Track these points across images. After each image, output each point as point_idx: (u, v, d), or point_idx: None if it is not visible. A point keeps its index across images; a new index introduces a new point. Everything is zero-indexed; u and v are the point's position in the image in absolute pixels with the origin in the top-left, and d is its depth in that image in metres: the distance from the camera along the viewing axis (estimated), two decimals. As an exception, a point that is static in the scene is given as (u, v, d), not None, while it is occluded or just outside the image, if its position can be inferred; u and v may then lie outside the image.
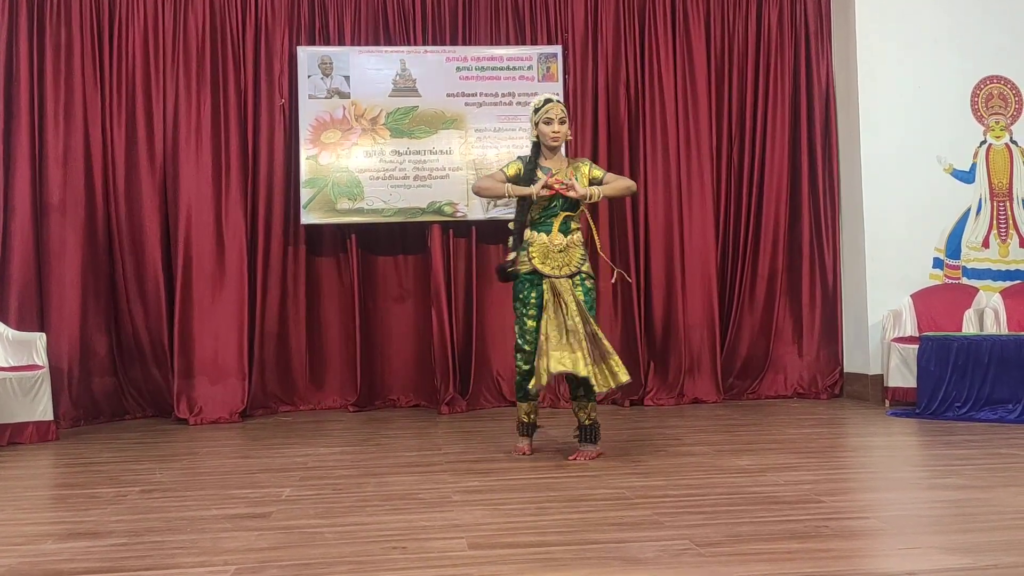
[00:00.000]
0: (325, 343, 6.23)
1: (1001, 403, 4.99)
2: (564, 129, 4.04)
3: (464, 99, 6.13)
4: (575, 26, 6.32)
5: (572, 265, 4.01)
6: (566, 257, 4.01)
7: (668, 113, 6.29)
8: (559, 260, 4.00)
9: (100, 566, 2.46)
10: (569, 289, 3.94)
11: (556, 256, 4.00)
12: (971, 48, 6.19)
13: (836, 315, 6.36)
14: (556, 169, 4.06)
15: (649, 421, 5.32)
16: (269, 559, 2.48)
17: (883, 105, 6.13)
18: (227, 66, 6.01)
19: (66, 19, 5.81)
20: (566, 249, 4.01)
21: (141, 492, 3.48)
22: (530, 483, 3.49)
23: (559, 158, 4.14)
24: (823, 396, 6.26)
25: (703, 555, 2.41)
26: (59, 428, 5.15)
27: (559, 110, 4.02)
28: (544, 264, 3.97)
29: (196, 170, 5.91)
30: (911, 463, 4.01)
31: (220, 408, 5.76)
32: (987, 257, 6.14)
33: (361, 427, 5.30)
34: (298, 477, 3.71)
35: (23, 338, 5.18)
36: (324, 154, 6.02)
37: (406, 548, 2.56)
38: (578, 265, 4.03)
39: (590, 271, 4.09)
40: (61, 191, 5.71)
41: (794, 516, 2.82)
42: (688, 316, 6.23)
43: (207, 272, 5.87)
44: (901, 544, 2.54)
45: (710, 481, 3.43)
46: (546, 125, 4.02)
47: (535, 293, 3.98)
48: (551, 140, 4.04)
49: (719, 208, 6.39)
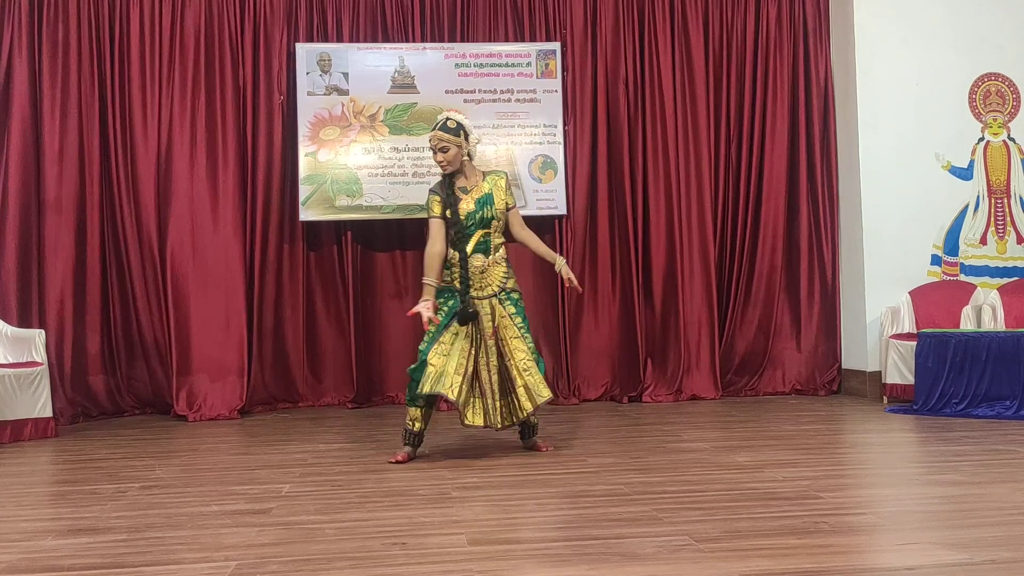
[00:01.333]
0: (324, 340, 6.24)
1: (999, 399, 5.00)
2: (449, 156, 3.93)
3: (463, 96, 6.13)
4: (574, 23, 6.32)
5: (494, 285, 3.97)
6: (487, 277, 3.97)
7: (667, 110, 6.29)
8: (479, 281, 3.96)
9: (100, 562, 2.46)
10: (488, 314, 3.93)
11: (476, 277, 3.95)
12: (969, 45, 6.20)
13: (834, 312, 6.37)
14: (471, 186, 4.00)
15: (648, 417, 5.33)
16: (269, 555, 2.48)
17: (881, 102, 6.13)
18: (225, 63, 6.00)
19: (64, 16, 5.81)
20: (486, 269, 3.97)
21: (141, 488, 3.48)
22: (529, 479, 3.50)
23: (472, 172, 4.04)
24: (821, 393, 6.27)
25: (702, 551, 2.42)
26: (58, 425, 5.15)
27: (436, 139, 3.94)
28: (470, 286, 3.93)
29: (194, 167, 5.91)
30: (909, 459, 4.02)
31: (219, 405, 5.76)
32: (985, 254, 6.15)
33: (360, 423, 5.31)
34: (297, 473, 3.72)
35: (22, 335, 5.18)
36: (323, 151, 6.02)
37: (406, 544, 2.56)
38: (500, 284, 3.98)
39: (515, 286, 4.04)
40: (58, 188, 5.71)
41: (792, 512, 2.83)
42: (687, 313, 6.24)
43: (205, 269, 5.87)
44: (899, 540, 2.55)
45: (709, 477, 3.44)
46: (432, 154, 4.00)
47: (452, 302, 3.94)
48: (441, 168, 4.00)
49: (718, 205, 6.39)
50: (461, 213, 3.95)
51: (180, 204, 5.88)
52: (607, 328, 6.31)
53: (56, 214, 5.70)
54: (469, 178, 4.03)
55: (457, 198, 3.97)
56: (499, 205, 4.01)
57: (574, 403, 6.06)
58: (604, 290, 6.30)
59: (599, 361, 6.28)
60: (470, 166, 4.05)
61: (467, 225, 3.96)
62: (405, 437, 3.99)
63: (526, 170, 6.15)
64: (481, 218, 3.97)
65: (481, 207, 3.97)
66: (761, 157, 6.40)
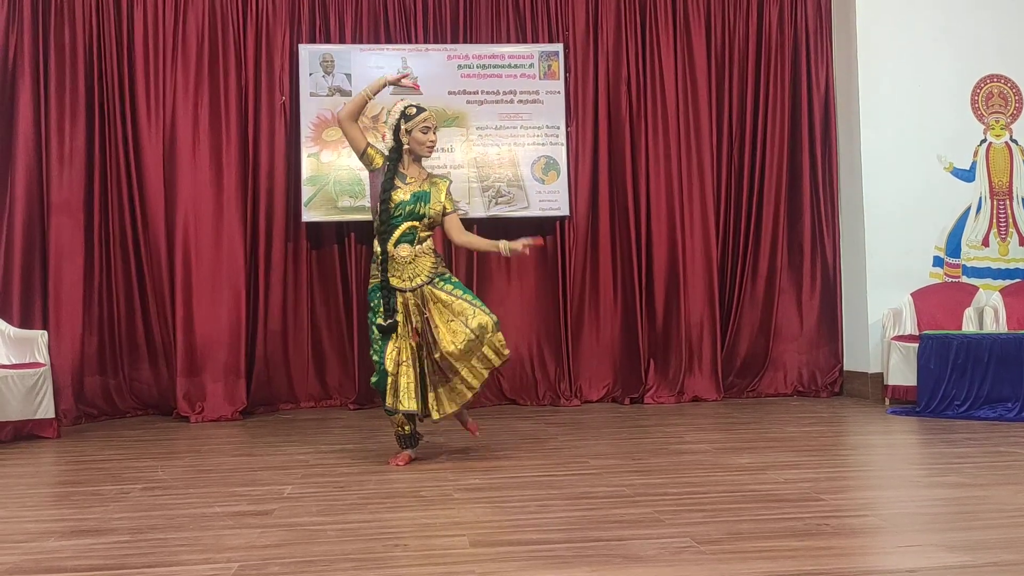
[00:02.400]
0: (326, 341, 6.24)
1: (1001, 401, 5.00)
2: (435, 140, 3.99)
3: (465, 97, 6.14)
4: (576, 24, 6.33)
5: (423, 275, 3.91)
6: (415, 268, 3.91)
7: (669, 111, 6.29)
8: (407, 271, 3.90)
9: (103, 563, 2.47)
10: (417, 306, 3.87)
11: (403, 267, 3.90)
12: (971, 47, 6.19)
13: (836, 313, 6.36)
14: (412, 178, 3.95)
15: (649, 419, 5.33)
16: (271, 556, 2.49)
17: (883, 103, 6.13)
18: (228, 64, 6.01)
19: (69, 19, 5.81)
20: (413, 259, 3.90)
21: (143, 490, 3.49)
22: (531, 481, 3.50)
23: (420, 169, 4.02)
24: (823, 394, 6.27)
25: (704, 553, 2.42)
26: (61, 426, 5.16)
27: (432, 120, 3.97)
28: (392, 277, 3.89)
29: (197, 168, 5.91)
30: (911, 461, 4.02)
31: (222, 406, 5.77)
32: (987, 256, 6.14)
33: (362, 424, 5.31)
34: (300, 474, 3.72)
35: (25, 336, 5.19)
36: (325, 152, 6.02)
37: (408, 545, 2.57)
38: (430, 275, 3.92)
39: (444, 271, 4.00)
40: (63, 190, 5.72)
41: (794, 514, 2.83)
42: (689, 314, 6.24)
43: (208, 270, 5.87)
44: (901, 542, 2.55)
45: (710, 479, 3.44)
46: (423, 134, 3.93)
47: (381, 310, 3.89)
48: (427, 150, 3.97)
49: (719, 206, 6.39)
50: (393, 200, 3.87)
51: (184, 205, 5.88)
52: (609, 329, 6.31)
53: (61, 216, 5.70)
54: (415, 172, 3.99)
55: (395, 185, 3.91)
56: (435, 206, 3.94)
57: (576, 404, 6.06)
58: (606, 291, 6.30)
59: (601, 362, 6.28)
60: (421, 165, 4.03)
61: (395, 215, 3.89)
62: (399, 441, 3.98)
63: (529, 171, 6.15)
64: (411, 212, 3.89)
65: (415, 201, 3.90)
66: (763, 158, 6.39)
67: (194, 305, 5.85)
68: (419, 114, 3.93)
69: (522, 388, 6.17)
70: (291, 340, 6.15)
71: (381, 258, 3.89)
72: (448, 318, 3.86)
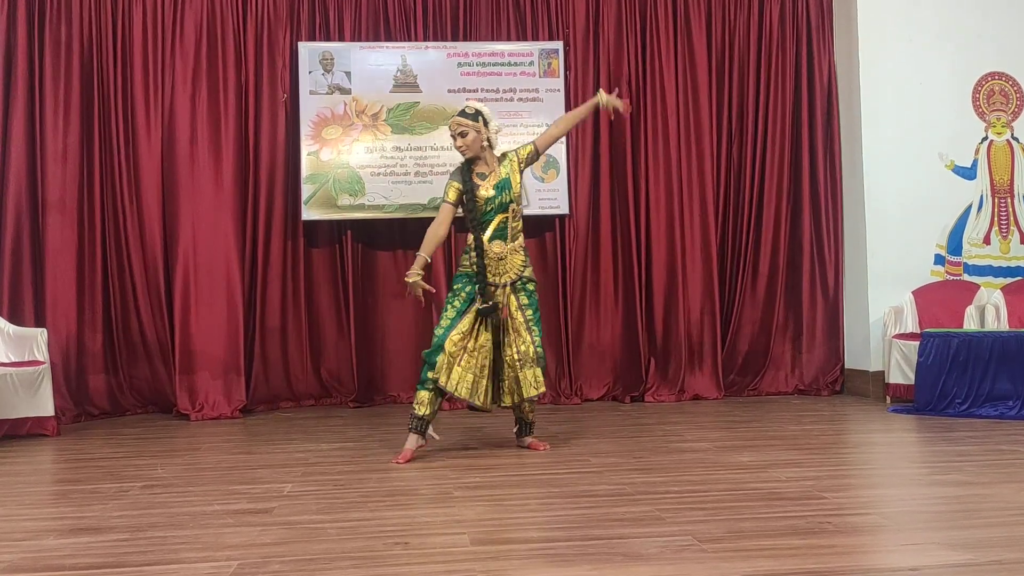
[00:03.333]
0: (326, 339, 6.23)
1: (1002, 399, 4.98)
2: (467, 141, 3.99)
3: (465, 95, 6.11)
4: (576, 21, 6.31)
5: (511, 273, 4.00)
6: (505, 265, 4.00)
7: (669, 109, 6.28)
8: (497, 268, 3.99)
9: (102, 562, 2.46)
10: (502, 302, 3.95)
11: (494, 264, 3.98)
12: (973, 44, 6.18)
13: (837, 311, 6.35)
14: (489, 171, 4.04)
15: (650, 417, 5.32)
16: (271, 554, 2.48)
17: (885, 101, 6.12)
18: (227, 61, 5.99)
19: (66, 16, 5.80)
20: (504, 257, 4.00)
21: (143, 488, 3.48)
22: (532, 479, 3.49)
23: (490, 158, 4.08)
24: (824, 392, 6.26)
25: (705, 551, 2.41)
26: (60, 423, 5.15)
27: (455, 125, 4.01)
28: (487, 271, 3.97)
29: (196, 166, 5.90)
30: (912, 459, 4.01)
31: (221, 404, 5.76)
32: (988, 254, 6.14)
33: (362, 423, 5.30)
34: (300, 473, 3.72)
35: (24, 333, 5.19)
36: (325, 150, 6.01)
37: (408, 544, 2.56)
38: (518, 272, 4.02)
39: (532, 276, 4.09)
40: (60, 188, 5.70)
41: (796, 512, 2.82)
42: (689, 312, 6.23)
43: (207, 268, 5.86)
44: (903, 540, 2.54)
45: (712, 477, 3.43)
46: (452, 140, 4.07)
47: (469, 288, 3.98)
48: (460, 153, 4.06)
49: (720, 204, 6.38)
50: (480, 199, 3.99)
51: (182, 203, 5.87)
52: (609, 328, 6.30)
53: (58, 213, 5.69)
54: (488, 164, 4.06)
55: (476, 184, 4.00)
56: (515, 188, 4.04)
57: (576, 403, 6.06)
58: (606, 289, 6.29)
59: (601, 361, 6.27)
60: (490, 153, 4.08)
61: (486, 211, 3.99)
62: (411, 422, 3.97)
63: (528, 169, 6.12)
64: (500, 203, 4.00)
65: (500, 192, 4.00)
66: (764, 156, 6.39)
67: (192, 303, 5.84)
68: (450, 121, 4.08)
69: (522, 386, 6.15)
70: (290, 338, 6.14)
71: (476, 249, 3.96)
72: (512, 327, 4.00)
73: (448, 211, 4.03)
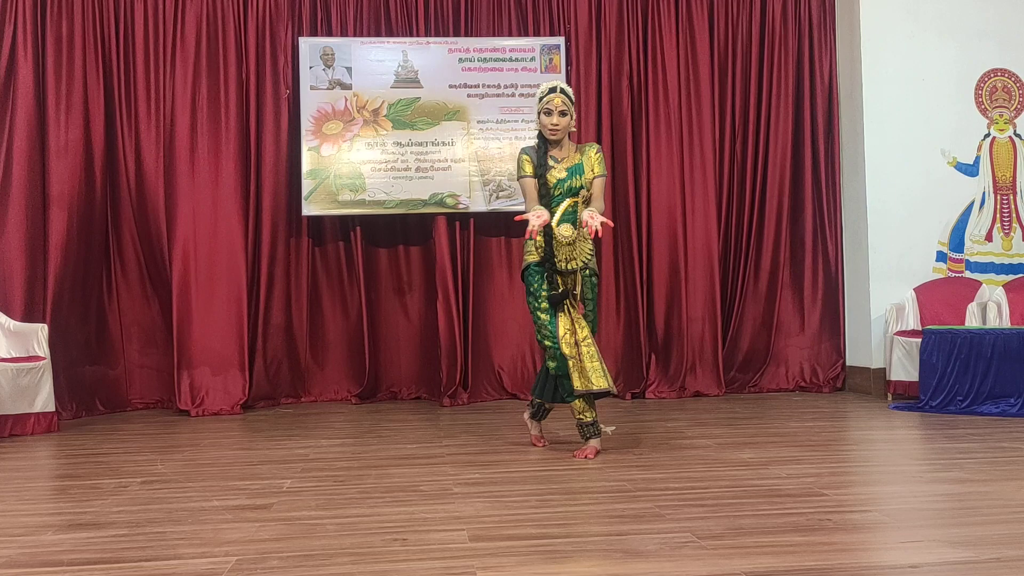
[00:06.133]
0: (327, 334, 6.23)
1: (1003, 397, 4.98)
2: (564, 122, 3.85)
3: (466, 91, 6.12)
4: (578, 17, 6.30)
5: (580, 259, 3.86)
6: (573, 250, 3.85)
7: (671, 105, 6.26)
8: (565, 253, 3.85)
9: (101, 557, 2.45)
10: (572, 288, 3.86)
11: (563, 249, 3.84)
12: (975, 41, 6.16)
13: (838, 308, 6.34)
14: (563, 157, 3.91)
15: (651, 414, 5.31)
16: (270, 550, 2.47)
17: (887, 98, 6.10)
18: (228, 56, 5.99)
19: (68, 11, 5.79)
20: (574, 242, 3.84)
21: (142, 483, 3.48)
22: (531, 475, 3.49)
23: (567, 145, 3.95)
24: (825, 389, 6.25)
25: (705, 548, 2.40)
26: (60, 419, 5.15)
27: (559, 101, 3.82)
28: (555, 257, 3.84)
29: (197, 161, 5.90)
30: (913, 457, 4.00)
31: (222, 399, 5.76)
32: (990, 251, 6.12)
33: (363, 419, 5.30)
34: (299, 469, 3.71)
35: (24, 329, 5.18)
36: (326, 145, 6.00)
37: (407, 540, 2.55)
38: (586, 261, 3.88)
39: (596, 269, 3.96)
40: (62, 183, 5.69)
41: (796, 509, 2.81)
42: (690, 309, 6.23)
43: (208, 263, 5.86)
44: (904, 537, 2.54)
45: (712, 474, 3.42)
46: (546, 116, 3.85)
47: (546, 285, 3.86)
48: (549, 133, 3.87)
49: (721, 200, 6.37)
50: (551, 180, 3.86)
51: (184, 198, 5.87)
52: (610, 324, 6.29)
53: (60, 208, 5.68)
54: (564, 150, 3.94)
55: (548, 166, 3.88)
56: (588, 174, 3.88)
57: (577, 399, 6.04)
58: (607, 286, 6.28)
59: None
60: (568, 141, 3.97)
61: (555, 194, 3.86)
62: (583, 431, 3.89)
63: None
64: (570, 187, 3.86)
65: (572, 175, 3.87)
66: (766, 153, 6.37)
67: (193, 298, 5.84)
68: (548, 95, 3.86)
69: (523, 383, 6.15)
70: (292, 333, 6.14)
71: (544, 235, 3.81)
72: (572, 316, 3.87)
73: (531, 185, 3.86)
